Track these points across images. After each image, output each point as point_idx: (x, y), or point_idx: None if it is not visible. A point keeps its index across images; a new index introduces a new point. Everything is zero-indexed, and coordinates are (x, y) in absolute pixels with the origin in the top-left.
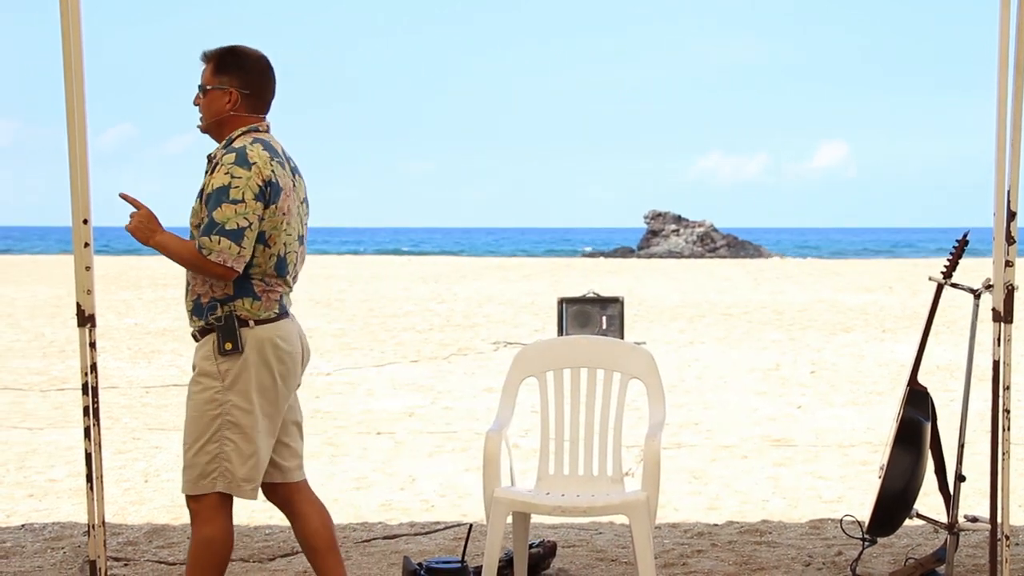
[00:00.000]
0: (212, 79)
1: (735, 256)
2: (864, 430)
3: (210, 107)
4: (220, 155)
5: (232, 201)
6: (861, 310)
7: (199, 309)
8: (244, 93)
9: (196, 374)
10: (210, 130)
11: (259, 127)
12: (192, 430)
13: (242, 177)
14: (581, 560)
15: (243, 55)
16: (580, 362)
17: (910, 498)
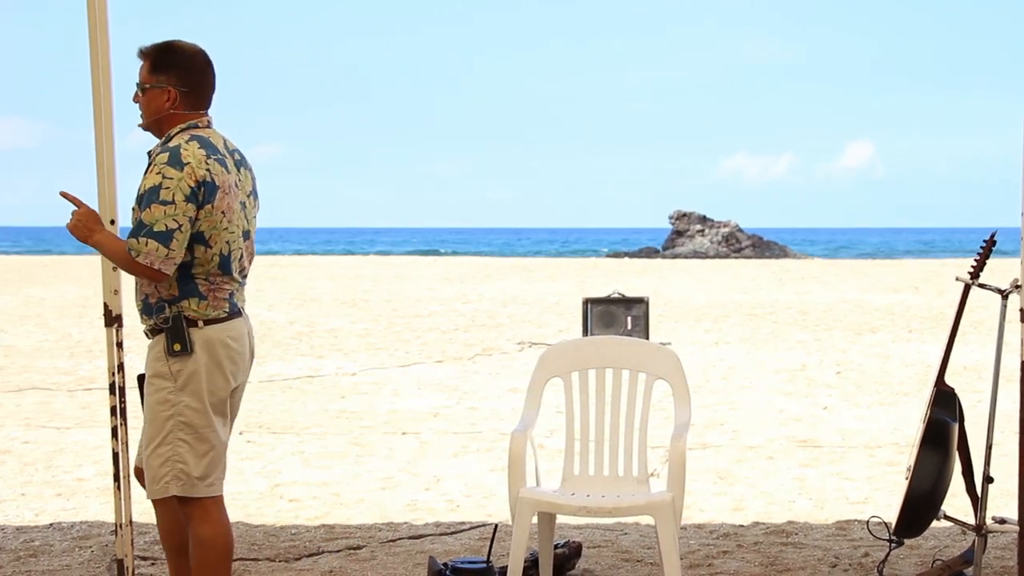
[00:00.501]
0: (149, 77)
1: (760, 256)
2: (890, 431)
3: (149, 105)
4: (155, 154)
5: (162, 202)
6: (887, 310)
7: (148, 308)
8: (182, 91)
9: (150, 376)
10: (151, 128)
11: (199, 123)
12: (148, 431)
13: (173, 178)
14: (606, 561)
15: (179, 52)
16: (605, 362)
17: (937, 499)
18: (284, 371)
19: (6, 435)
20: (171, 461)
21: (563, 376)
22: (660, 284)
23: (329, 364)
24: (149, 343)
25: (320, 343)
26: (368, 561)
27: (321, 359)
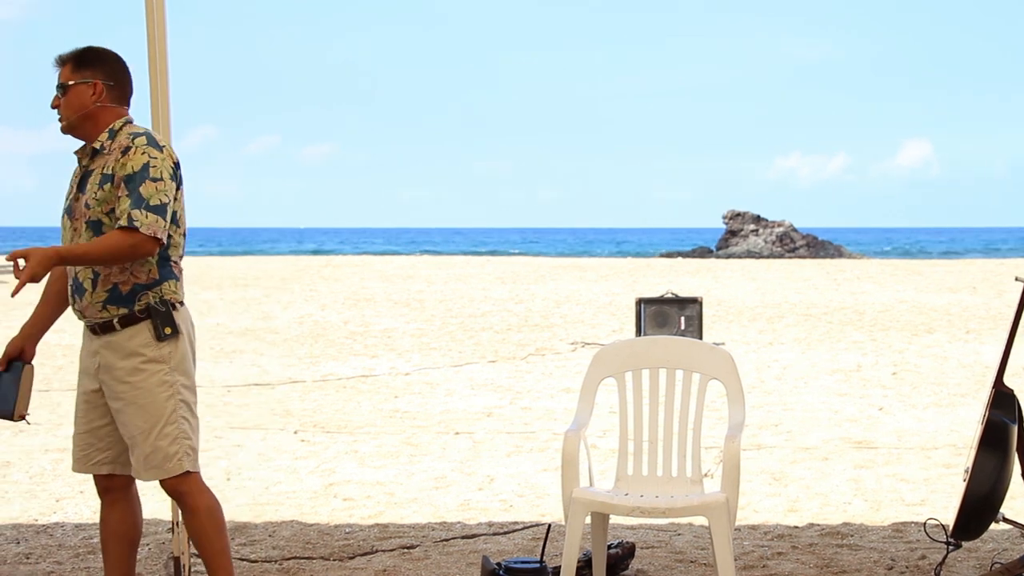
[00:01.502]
0: (73, 75)
1: (815, 256)
2: (947, 432)
3: (73, 103)
4: (128, 140)
5: (153, 179)
6: (944, 311)
7: (118, 298)
8: (108, 84)
9: (140, 361)
10: (77, 126)
11: (130, 119)
12: (148, 417)
13: (157, 157)
14: (660, 561)
15: (103, 51)
16: (659, 362)
17: (996, 502)
18: (338, 371)
19: (65, 433)
20: (179, 439)
21: (616, 376)
22: (713, 284)
23: (383, 364)
24: (112, 335)
25: (374, 343)
26: (422, 560)
27: (375, 359)
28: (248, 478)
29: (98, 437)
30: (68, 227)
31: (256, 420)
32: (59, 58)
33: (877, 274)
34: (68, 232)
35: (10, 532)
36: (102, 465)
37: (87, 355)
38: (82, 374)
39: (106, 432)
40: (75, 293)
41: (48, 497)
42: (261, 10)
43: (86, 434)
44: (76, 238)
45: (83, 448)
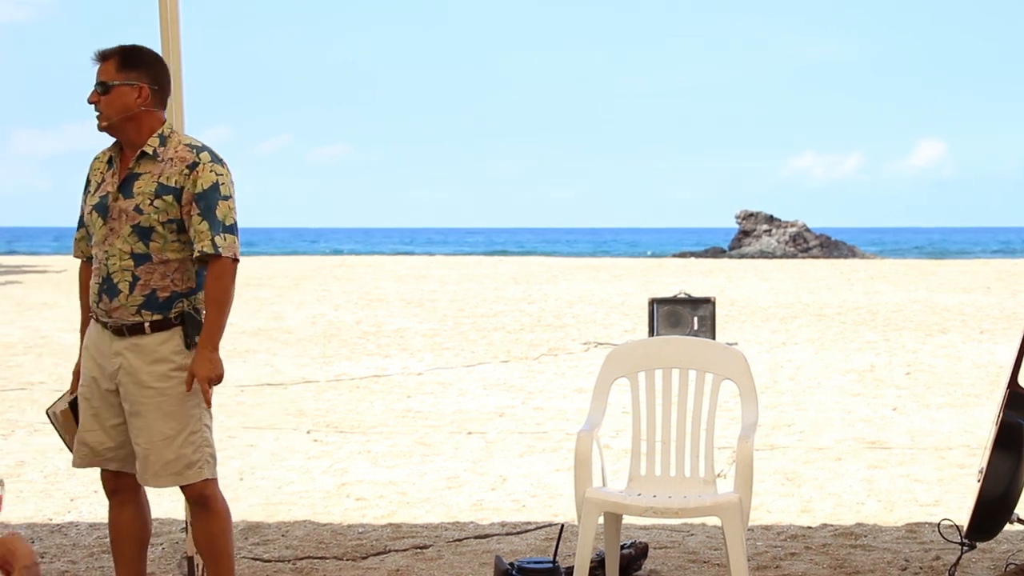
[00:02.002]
0: (118, 75)
1: (828, 256)
2: (961, 432)
3: (116, 104)
4: (191, 153)
5: (223, 198)
6: (958, 311)
7: (154, 304)
8: (153, 88)
9: (170, 368)
10: (117, 127)
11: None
12: (173, 424)
13: (223, 174)
14: (673, 562)
15: (148, 52)
16: (672, 363)
17: (1011, 502)
18: (351, 371)
19: None
20: (202, 447)
21: (629, 376)
22: (727, 284)
23: (395, 364)
24: (140, 338)
25: (386, 343)
26: (435, 560)
27: (387, 359)
28: (261, 478)
29: (109, 435)
30: (100, 226)
31: (269, 420)
32: (101, 54)
33: (890, 274)
34: (100, 231)
35: (24, 531)
36: (110, 462)
37: (106, 356)
38: (93, 372)
39: (118, 431)
40: (104, 293)
41: (62, 497)
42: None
43: (97, 431)
44: (113, 239)
45: (90, 445)
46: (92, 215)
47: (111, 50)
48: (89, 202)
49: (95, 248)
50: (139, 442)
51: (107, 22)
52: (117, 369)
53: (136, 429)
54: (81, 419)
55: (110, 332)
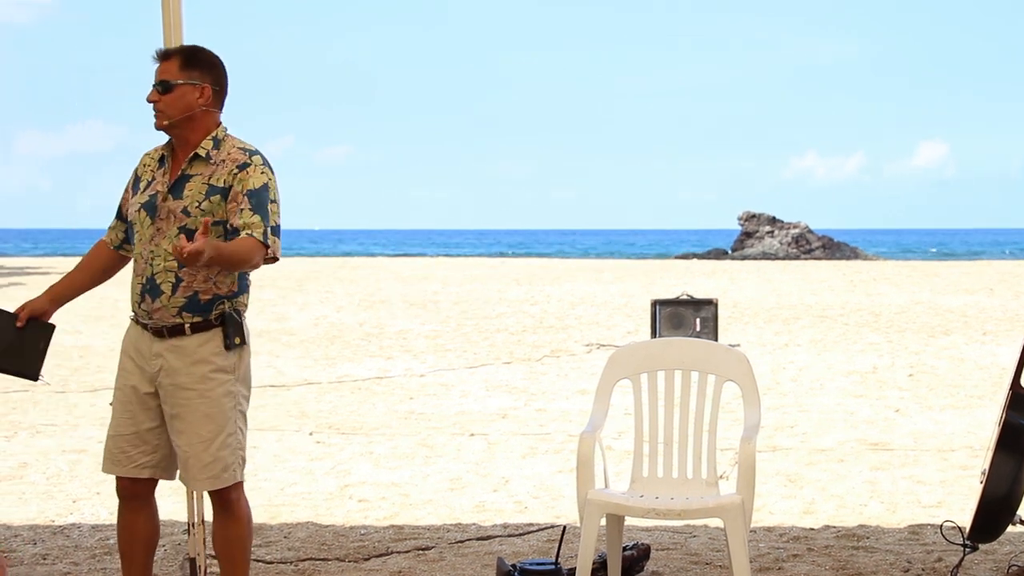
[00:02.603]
0: (180, 74)
1: (831, 258)
2: (964, 434)
3: (177, 103)
4: (243, 155)
5: (272, 200)
6: (961, 312)
7: (196, 306)
8: (215, 89)
9: (210, 370)
10: (176, 127)
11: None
12: (212, 426)
13: (272, 179)
14: (675, 563)
15: (210, 53)
16: (674, 364)
17: (1014, 504)
18: (353, 372)
19: (82, 435)
20: (237, 449)
21: (632, 378)
22: (729, 286)
23: (398, 365)
24: (180, 339)
25: (389, 344)
26: (437, 562)
27: (390, 360)
28: (263, 479)
29: (144, 440)
30: (147, 225)
31: (272, 421)
32: (162, 52)
33: (893, 275)
34: (147, 230)
35: (27, 533)
36: (144, 468)
37: (146, 357)
38: (132, 375)
39: (154, 435)
40: (147, 293)
41: (65, 498)
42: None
43: (132, 436)
44: (159, 239)
45: (125, 450)
46: (140, 213)
47: (173, 49)
48: (137, 200)
49: (139, 247)
50: (179, 443)
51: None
52: (158, 371)
53: (176, 431)
54: (116, 422)
55: (150, 334)
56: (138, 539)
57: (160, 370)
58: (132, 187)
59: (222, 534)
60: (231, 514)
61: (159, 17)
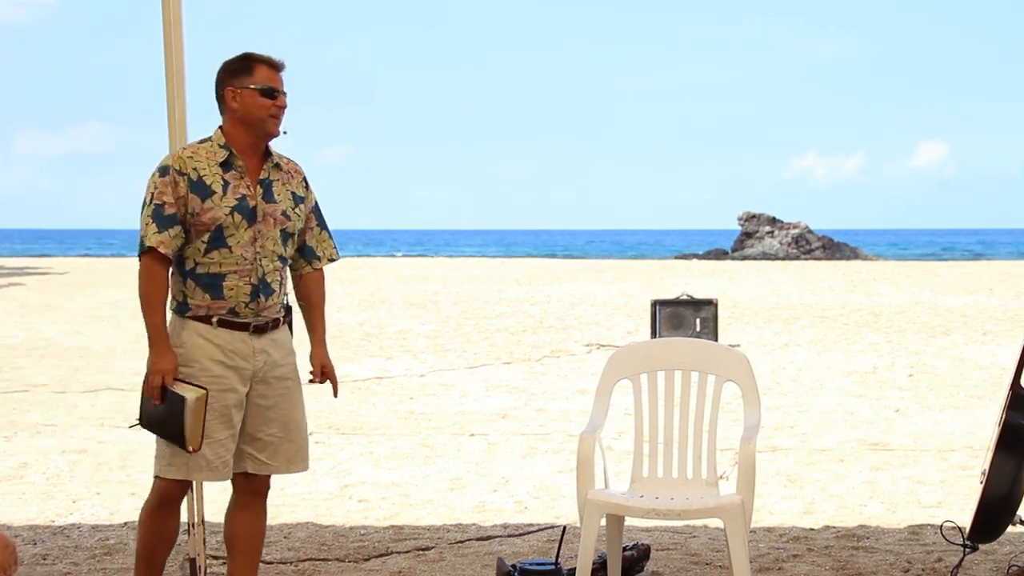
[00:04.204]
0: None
1: (831, 258)
2: (964, 434)
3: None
4: (298, 168)
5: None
6: (961, 312)
7: (282, 306)
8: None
9: (295, 359)
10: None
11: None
12: (302, 411)
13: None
14: (675, 563)
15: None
16: (674, 364)
17: (1014, 504)
18: (353, 372)
19: (82, 435)
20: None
21: (632, 378)
22: (729, 286)
23: (398, 365)
24: (276, 332)
25: (389, 344)
26: (437, 562)
27: (390, 360)
28: None
29: (235, 438)
30: (243, 228)
31: None
32: (281, 63)
33: (893, 275)
34: (244, 233)
35: (27, 533)
36: (242, 463)
37: (244, 356)
38: (225, 379)
39: (237, 433)
40: (260, 293)
41: (65, 498)
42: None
43: (228, 438)
44: (263, 241)
45: (223, 454)
46: (233, 216)
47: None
48: (224, 203)
49: (238, 249)
50: (273, 431)
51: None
52: (259, 367)
53: (270, 420)
54: (211, 429)
55: (248, 332)
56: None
57: (263, 365)
58: (193, 190)
59: (251, 525)
60: (263, 506)
61: (159, 17)
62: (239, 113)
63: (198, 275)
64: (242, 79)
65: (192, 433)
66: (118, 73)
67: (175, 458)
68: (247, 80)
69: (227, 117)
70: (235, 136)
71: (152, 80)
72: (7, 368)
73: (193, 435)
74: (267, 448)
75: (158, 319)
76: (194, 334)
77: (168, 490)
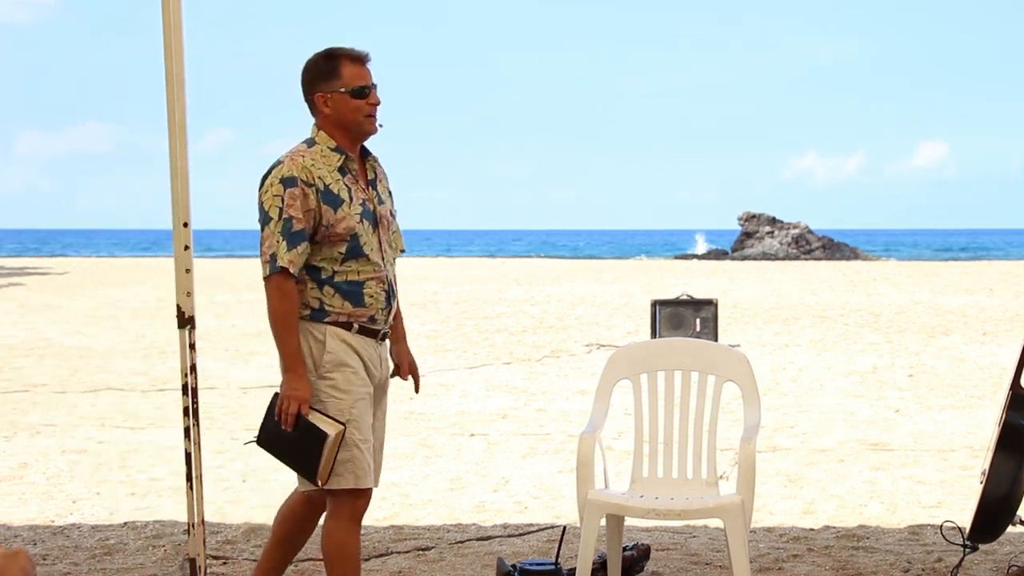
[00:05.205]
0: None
1: (831, 258)
2: (964, 434)
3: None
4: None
5: None
6: (961, 312)
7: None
8: None
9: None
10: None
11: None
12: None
13: None
14: (675, 563)
15: None
16: (674, 364)
17: (1014, 504)
18: None
19: (82, 435)
20: None
21: (632, 378)
22: (729, 286)
23: None
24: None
25: None
26: (437, 562)
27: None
28: (263, 480)
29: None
30: (370, 233)
31: None
32: (367, 55)
33: (893, 275)
34: (372, 238)
35: (27, 533)
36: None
37: (376, 364)
38: (368, 385)
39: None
40: (392, 299)
41: (65, 499)
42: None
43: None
44: (386, 246)
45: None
46: (363, 224)
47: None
48: (353, 211)
49: (374, 255)
50: (379, 438)
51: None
52: (383, 376)
53: (379, 429)
54: (364, 435)
55: (376, 339)
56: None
57: (384, 374)
58: (325, 200)
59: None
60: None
61: (159, 17)
62: (333, 117)
63: (337, 283)
64: (330, 82)
65: (324, 468)
66: (118, 73)
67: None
68: (335, 83)
69: (320, 120)
70: (335, 138)
71: (152, 80)
72: (7, 368)
73: (325, 469)
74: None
75: (294, 341)
76: (337, 339)
77: (366, 500)
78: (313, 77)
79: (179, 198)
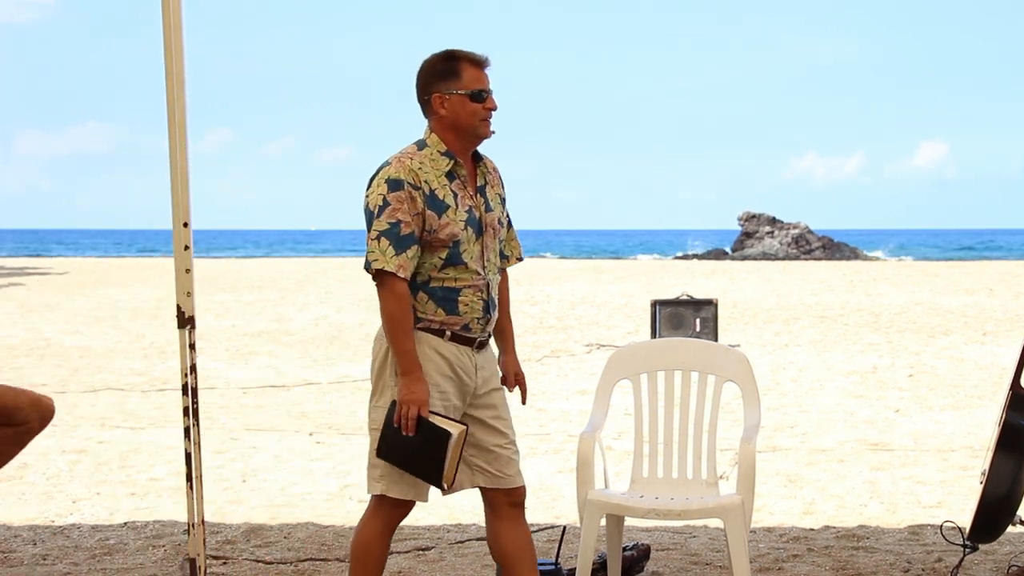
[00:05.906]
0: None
1: (831, 258)
2: (964, 434)
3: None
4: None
5: None
6: (961, 312)
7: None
8: None
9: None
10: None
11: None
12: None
13: None
14: (675, 563)
15: None
16: (674, 364)
17: (1013, 504)
18: (353, 372)
19: (82, 435)
20: None
21: (632, 378)
22: (729, 286)
23: None
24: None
25: None
26: (437, 562)
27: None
28: (263, 480)
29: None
30: (473, 241)
31: (272, 422)
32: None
33: (893, 276)
34: (474, 246)
35: (27, 533)
36: (473, 478)
37: (468, 373)
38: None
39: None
40: (492, 308)
41: (64, 499)
42: (270, 10)
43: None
44: (488, 254)
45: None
46: (467, 231)
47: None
48: (458, 217)
49: (473, 264)
50: (500, 443)
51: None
52: (479, 384)
53: (498, 432)
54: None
55: (472, 347)
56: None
57: (481, 383)
58: (430, 205)
59: (519, 535)
60: (523, 516)
61: (159, 17)
62: (449, 119)
63: (432, 288)
64: (449, 83)
65: (450, 469)
66: (118, 73)
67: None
68: (454, 84)
69: (434, 121)
70: (447, 141)
71: (152, 80)
72: (7, 368)
73: (450, 471)
74: (499, 460)
75: (410, 345)
76: (425, 346)
77: (404, 512)
78: (431, 77)
79: (179, 198)
